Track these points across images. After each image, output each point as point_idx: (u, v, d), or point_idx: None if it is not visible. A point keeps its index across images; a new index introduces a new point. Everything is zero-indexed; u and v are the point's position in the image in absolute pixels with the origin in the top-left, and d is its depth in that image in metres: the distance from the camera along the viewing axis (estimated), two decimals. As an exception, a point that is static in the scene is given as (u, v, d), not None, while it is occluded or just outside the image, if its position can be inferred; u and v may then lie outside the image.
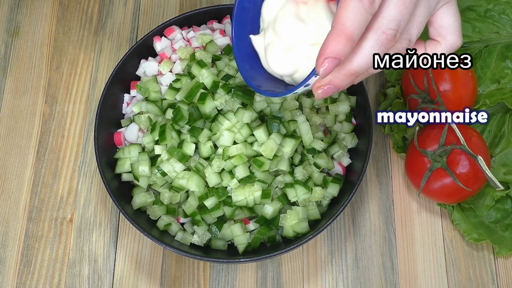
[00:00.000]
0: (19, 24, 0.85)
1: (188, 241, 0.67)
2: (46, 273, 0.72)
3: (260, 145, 0.65)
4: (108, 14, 0.85)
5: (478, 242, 0.69)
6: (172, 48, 0.75)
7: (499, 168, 0.71)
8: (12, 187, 0.76)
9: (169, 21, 0.74)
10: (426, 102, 0.70)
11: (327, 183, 0.68)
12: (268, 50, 0.55)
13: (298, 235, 0.66)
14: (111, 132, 0.72)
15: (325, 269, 0.71)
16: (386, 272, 0.70)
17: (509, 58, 0.74)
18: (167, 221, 0.68)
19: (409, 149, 0.71)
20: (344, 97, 0.71)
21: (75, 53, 0.83)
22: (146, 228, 0.65)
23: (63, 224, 0.74)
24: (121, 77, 0.73)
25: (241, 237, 0.66)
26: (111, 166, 0.69)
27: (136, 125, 0.71)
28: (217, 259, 0.64)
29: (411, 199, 0.73)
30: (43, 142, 0.78)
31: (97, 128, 0.69)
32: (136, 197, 0.68)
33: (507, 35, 0.76)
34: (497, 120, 0.73)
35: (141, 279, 0.71)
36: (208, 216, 0.66)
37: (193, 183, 0.65)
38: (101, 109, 0.70)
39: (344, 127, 0.71)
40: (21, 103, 0.80)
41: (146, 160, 0.68)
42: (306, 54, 0.53)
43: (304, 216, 0.66)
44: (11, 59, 0.83)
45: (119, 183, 0.69)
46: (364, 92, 0.69)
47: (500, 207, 0.71)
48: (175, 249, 0.64)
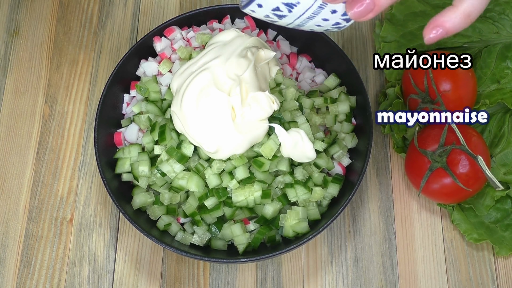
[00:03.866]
0: (19, 24, 0.85)
1: (188, 241, 0.67)
2: (46, 273, 0.72)
3: (260, 146, 0.65)
4: (108, 14, 0.85)
5: (478, 242, 0.69)
6: (172, 48, 0.75)
7: (499, 168, 0.71)
8: (12, 187, 0.76)
9: (169, 21, 0.74)
10: (426, 102, 0.70)
11: (327, 183, 0.68)
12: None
13: (298, 235, 0.66)
14: (111, 132, 0.72)
15: (325, 269, 0.71)
16: (386, 272, 0.70)
17: (509, 58, 0.74)
18: (167, 221, 0.68)
19: (409, 149, 0.71)
20: (344, 97, 0.71)
21: (75, 53, 0.83)
22: (146, 228, 0.65)
23: (63, 224, 0.74)
24: (121, 77, 0.73)
25: (241, 237, 0.66)
26: (111, 166, 0.69)
27: (136, 125, 0.71)
28: (217, 259, 0.64)
29: (411, 199, 0.73)
30: (43, 142, 0.78)
31: (97, 128, 0.69)
32: (136, 197, 0.68)
33: (507, 35, 0.76)
34: (497, 120, 0.73)
35: (141, 279, 0.71)
36: (208, 216, 0.66)
37: (193, 184, 0.65)
38: (101, 109, 0.70)
39: (344, 127, 0.71)
40: (21, 103, 0.80)
41: (146, 160, 0.68)
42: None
43: (304, 216, 0.66)
44: (11, 59, 0.83)
45: (119, 183, 0.69)
46: (364, 92, 0.69)
47: (500, 207, 0.71)
48: (175, 249, 0.64)
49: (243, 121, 0.64)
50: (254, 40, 0.69)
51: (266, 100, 0.64)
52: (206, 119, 0.64)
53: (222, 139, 0.64)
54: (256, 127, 0.65)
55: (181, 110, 0.65)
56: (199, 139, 0.65)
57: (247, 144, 0.64)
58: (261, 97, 0.64)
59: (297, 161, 0.66)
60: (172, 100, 0.67)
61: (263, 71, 0.68)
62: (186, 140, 0.66)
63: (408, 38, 0.77)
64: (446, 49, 0.76)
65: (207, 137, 0.64)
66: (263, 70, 0.68)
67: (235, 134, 0.64)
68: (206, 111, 0.64)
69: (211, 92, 0.64)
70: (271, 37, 0.77)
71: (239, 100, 0.64)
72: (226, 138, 0.64)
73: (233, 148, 0.64)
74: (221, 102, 0.64)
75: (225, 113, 0.64)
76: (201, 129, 0.64)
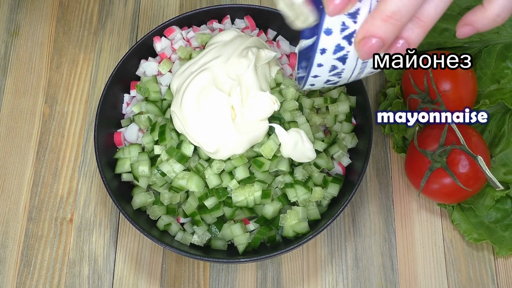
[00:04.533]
0: (19, 24, 0.85)
1: (188, 241, 0.67)
2: (46, 273, 0.72)
3: (259, 146, 0.65)
4: (108, 14, 0.85)
5: (478, 242, 0.69)
6: (172, 48, 0.75)
7: (499, 168, 0.71)
8: (12, 187, 0.76)
9: (169, 21, 0.74)
10: (426, 102, 0.70)
11: (327, 183, 0.68)
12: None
13: (298, 235, 0.66)
14: (111, 132, 0.72)
15: (325, 269, 0.71)
16: (386, 272, 0.70)
17: (509, 58, 0.74)
18: (167, 221, 0.68)
19: (409, 149, 0.71)
20: (344, 97, 0.71)
21: (75, 53, 0.83)
22: (146, 228, 0.65)
23: (63, 224, 0.74)
24: (121, 77, 0.73)
25: (241, 237, 0.66)
26: (111, 166, 0.69)
27: (136, 125, 0.71)
28: (217, 259, 0.64)
29: (411, 199, 0.73)
30: (43, 142, 0.78)
31: (97, 128, 0.69)
32: (136, 197, 0.68)
33: (507, 35, 0.76)
34: (497, 120, 0.73)
35: (141, 279, 0.71)
36: (208, 216, 0.66)
37: (193, 184, 0.65)
38: (101, 109, 0.70)
39: (344, 127, 0.71)
40: (21, 103, 0.80)
41: (146, 160, 0.68)
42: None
43: (304, 216, 0.66)
44: (11, 59, 0.83)
45: (119, 183, 0.69)
46: (364, 92, 0.69)
47: (500, 207, 0.71)
48: (175, 249, 0.64)
49: (243, 121, 0.64)
50: (254, 40, 0.69)
51: (267, 100, 0.64)
52: (206, 119, 0.64)
53: (222, 139, 0.64)
54: (256, 127, 0.65)
55: (181, 110, 0.65)
56: (199, 139, 0.65)
57: (247, 144, 0.64)
58: (262, 97, 0.64)
59: (297, 161, 0.66)
60: (172, 100, 0.67)
61: (263, 71, 0.68)
62: (186, 140, 0.66)
63: (408, 38, 0.77)
64: (446, 49, 0.76)
65: (207, 137, 0.64)
66: (263, 70, 0.68)
67: (235, 134, 0.64)
68: (206, 111, 0.64)
69: (211, 92, 0.64)
70: (271, 37, 0.77)
71: (239, 100, 0.64)
72: (226, 138, 0.64)
73: (233, 148, 0.64)
74: (221, 102, 0.64)
75: (225, 113, 0.64)
76: (201, 129, 0.64)
